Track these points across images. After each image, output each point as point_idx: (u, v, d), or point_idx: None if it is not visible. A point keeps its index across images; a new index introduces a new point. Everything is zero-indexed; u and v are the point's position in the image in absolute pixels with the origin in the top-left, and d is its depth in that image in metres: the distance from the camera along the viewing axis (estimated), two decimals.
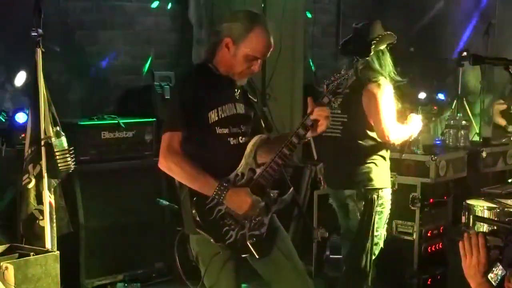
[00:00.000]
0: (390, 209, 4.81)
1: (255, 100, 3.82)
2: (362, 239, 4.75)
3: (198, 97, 3.51)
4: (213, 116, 3.54)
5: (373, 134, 4.73)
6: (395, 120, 4.76)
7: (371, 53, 4.66)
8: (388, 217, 4.83)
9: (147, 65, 6.75)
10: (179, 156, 3.47)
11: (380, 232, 4.79)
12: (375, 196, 4.72)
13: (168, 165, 3.49)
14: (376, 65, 4.72)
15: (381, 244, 4.81)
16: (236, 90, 3.68)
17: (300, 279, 3.72)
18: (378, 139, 4.72)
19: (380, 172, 4.76)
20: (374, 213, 4.74)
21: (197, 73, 3.64)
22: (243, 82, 3.70)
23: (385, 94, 4.68)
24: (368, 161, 4.73)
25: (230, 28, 3.56)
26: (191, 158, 3.48)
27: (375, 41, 4.68)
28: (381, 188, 4.75)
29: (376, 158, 4.76)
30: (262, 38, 3.55)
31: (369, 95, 4.68)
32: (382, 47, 4.74)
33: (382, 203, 4.75)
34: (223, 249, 3.53)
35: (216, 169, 3.49)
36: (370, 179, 4.72)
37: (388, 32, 4.77)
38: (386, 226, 4.84)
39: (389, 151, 4.83)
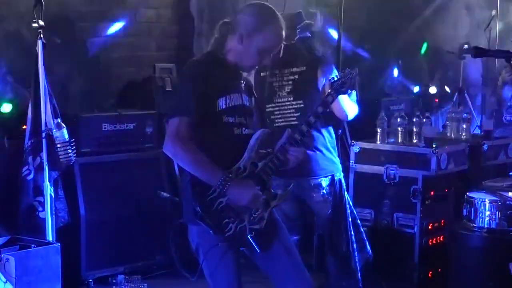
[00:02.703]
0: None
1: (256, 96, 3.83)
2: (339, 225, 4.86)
3: (208, 83, 3.50)
4: (221, 104, 3.54)
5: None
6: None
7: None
8: None
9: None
10: (186, 141, 3.45)
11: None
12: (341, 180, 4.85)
13: (174, 150, 3.47)
14: (304, 50, 4.78)
15: None
16: (242, 81, 3.69)
17: (299, 273, 3.71)
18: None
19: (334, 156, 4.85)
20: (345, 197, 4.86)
21: (207, 60, 3.64)
22: (249, 74, 3.72)
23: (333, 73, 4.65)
24: (327, 147, 4.79)
25: (245, 21, 3.57)
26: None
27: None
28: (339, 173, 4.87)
29: (331, 142, 4.83)
30: (277, 33, 3.59)
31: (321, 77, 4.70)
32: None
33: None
34: (221, 241, 3.53)
35: (217, 158, 3.48)
36: (334, 165, 4.80)
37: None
38: None
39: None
